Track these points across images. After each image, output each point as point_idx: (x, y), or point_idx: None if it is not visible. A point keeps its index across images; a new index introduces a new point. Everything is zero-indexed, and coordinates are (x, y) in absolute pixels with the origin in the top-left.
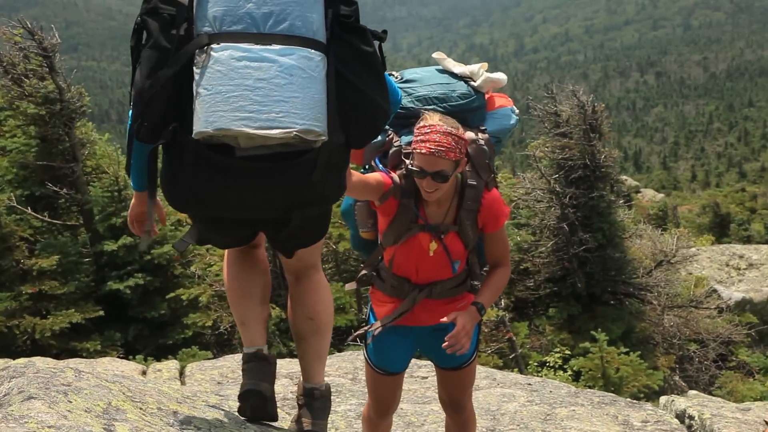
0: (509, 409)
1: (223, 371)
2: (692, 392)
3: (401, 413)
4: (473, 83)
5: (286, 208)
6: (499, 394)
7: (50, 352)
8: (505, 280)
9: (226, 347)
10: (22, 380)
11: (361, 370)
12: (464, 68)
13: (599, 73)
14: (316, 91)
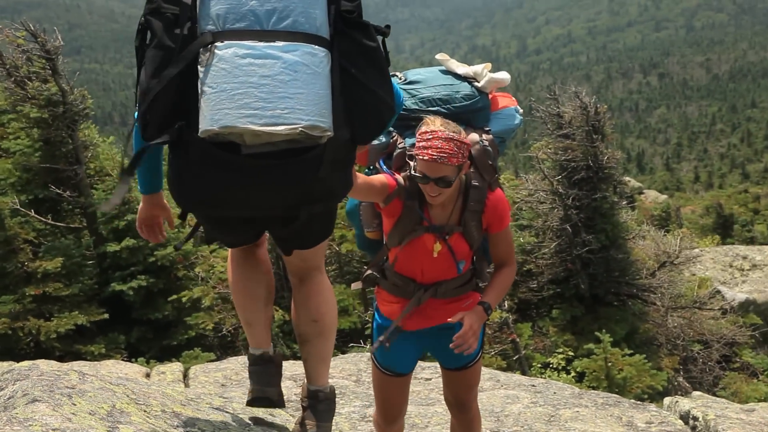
0: (513, 410)
1: (227, 373)
2: (696, 393)
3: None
4: (477, 84)
5: (293, 205)
6: (502, 395)
7: (54, 354)
8: (510, 279)
9: (229, 349)
10: (26, 383)
11: (364, 372)
12: (468, 69)
13: (602, 74)
14: (320, 87)
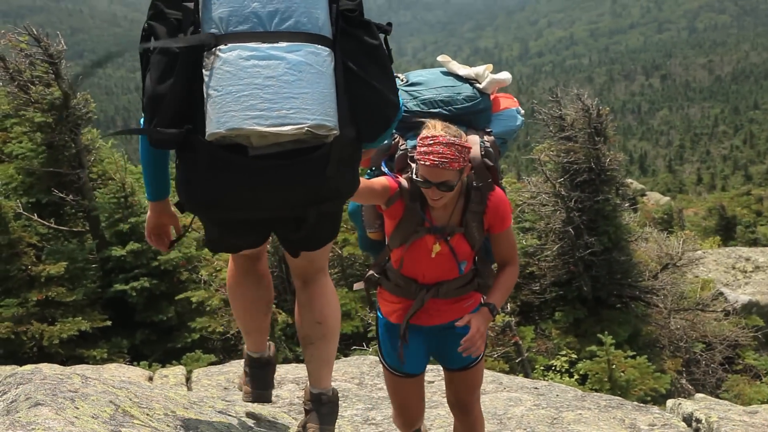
0: (516, 413)
1: (229, 377)
2: (699, 395)
3: None
4: (478, 85)
5: (301, 205)
6: (505, 398)
7: (57, 359)
8: (514, 278)
9: (232, 352)
10: (29, 387)
11: (367, 374)
12: (469, 70)
13: (604, 76)
14: (325, 86)
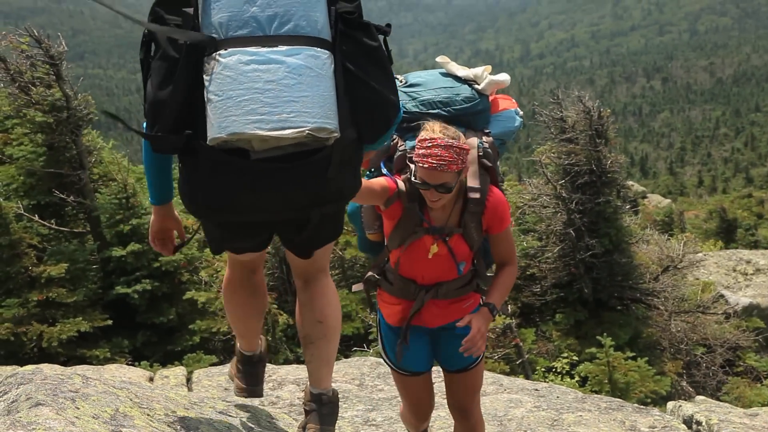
0: (516, 414)
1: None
2: (700, 398)
3: None
4: (477, 86)
5: (303, 207)
6: (506, 399)
7: (58, 359)
8: (512, 278)
9: (233, 353)
10: (30, 387)
11: (367, 376)
12: (468, 71)
13: (605, 78)
14: (325, 88)
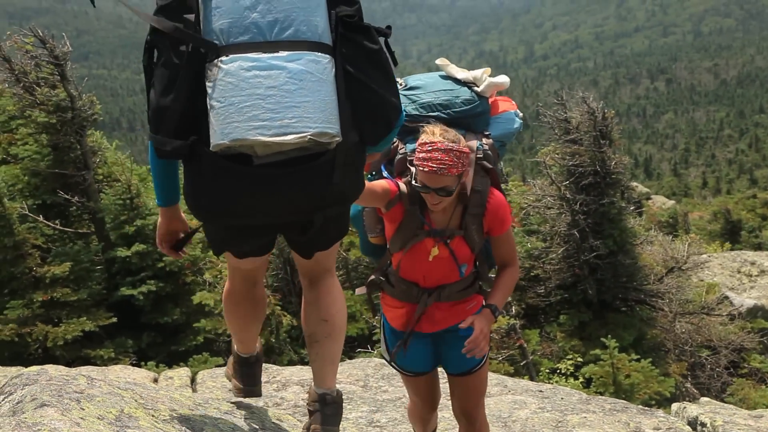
0: (521, 416)
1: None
2: (704, 399)
3: None
4: (476, 88)
5: (307, 210)
6: (510, 400)
7: (62, 360)
8: (514, 279)
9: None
10: (34, 387)
11: (372, 377)
12: (467, 74)
13: (609, 79)
14: (326, 93)
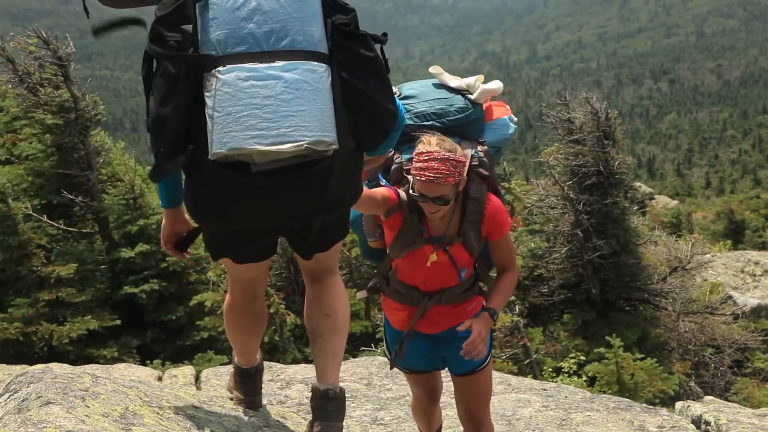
0: (524, 414)
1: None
2: (708, 398)
3: None
4: (470, 96)
5: (306, 216)
6: (514, 399)
7: (67, 358)
8: (513, 283)
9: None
10: (40, 385)
11: (376, 375)
12: (461, 81)
13: (612, 80)
14: (322, 102)
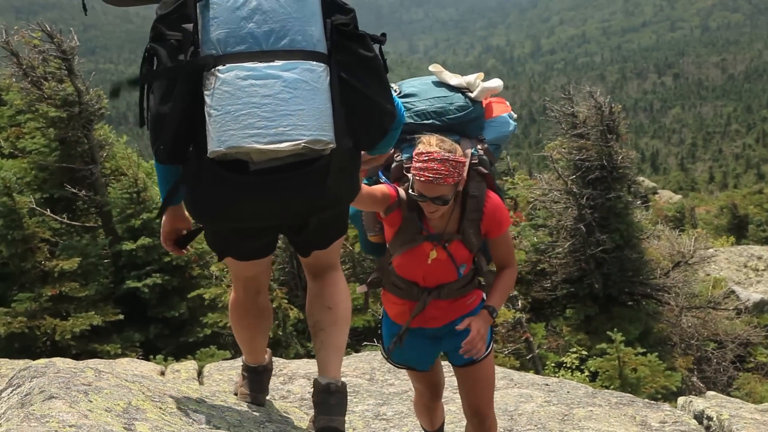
0: (527, 409)
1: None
2: (710, 393)
3: None
4: (470, 94)
5: (303, 214)
6: (516, 394)
7: (70, 353)
8: (512, 280)
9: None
10: (43, 380)
11: (378, 370)
12: (461, 79)
13: (616, 74)
14: (320, 101)
